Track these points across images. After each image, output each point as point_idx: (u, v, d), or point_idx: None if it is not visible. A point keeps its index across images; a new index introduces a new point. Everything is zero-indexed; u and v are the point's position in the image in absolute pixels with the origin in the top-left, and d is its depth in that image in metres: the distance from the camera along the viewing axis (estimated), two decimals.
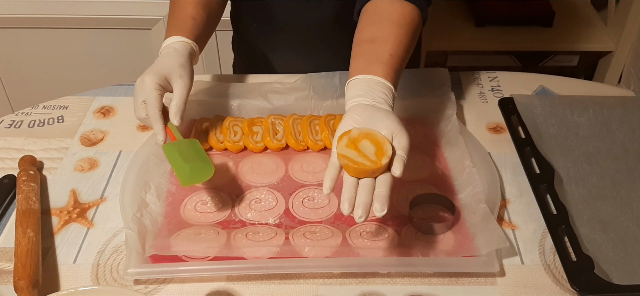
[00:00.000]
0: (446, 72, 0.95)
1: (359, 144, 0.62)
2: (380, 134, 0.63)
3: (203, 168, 0.73)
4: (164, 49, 0.80)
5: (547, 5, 1.75)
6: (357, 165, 0.60)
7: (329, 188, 0.61)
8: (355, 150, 0.62)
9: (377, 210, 0.58)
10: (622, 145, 0.87)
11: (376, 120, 0.65)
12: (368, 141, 0.62)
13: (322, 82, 0.92)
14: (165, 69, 0.77)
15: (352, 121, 0.65)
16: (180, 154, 0.74)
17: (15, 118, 0.94)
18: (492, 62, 1.72)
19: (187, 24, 0.82)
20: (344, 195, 0.60)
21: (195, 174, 0.73)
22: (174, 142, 0.76)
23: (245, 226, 0.74)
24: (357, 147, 0.62)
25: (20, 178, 0.79)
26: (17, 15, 1.55)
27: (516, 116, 0.91)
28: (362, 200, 0.59)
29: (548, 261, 0.70)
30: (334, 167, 0.62)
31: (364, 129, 0.64)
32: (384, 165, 0.61)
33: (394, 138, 0.63)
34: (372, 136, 0.63)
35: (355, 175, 0.61)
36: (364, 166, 0.60)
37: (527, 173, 0.82)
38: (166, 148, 0.76)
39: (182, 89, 0.77)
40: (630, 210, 0.76)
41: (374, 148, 0.62)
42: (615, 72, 1.71)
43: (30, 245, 0.68)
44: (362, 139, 0.63)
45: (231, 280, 0.68)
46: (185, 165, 0.73)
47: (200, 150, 0.77)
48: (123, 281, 0.68)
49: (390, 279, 0.68)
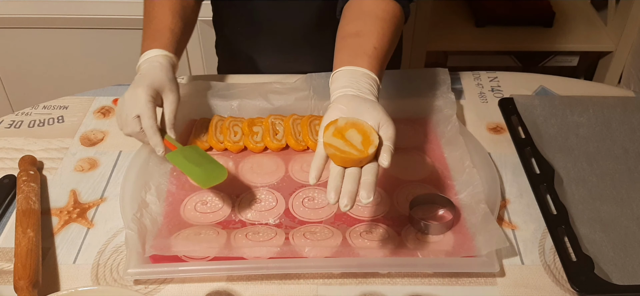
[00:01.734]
0: (446, 72, 0.95)
1: (346, 133, 0.62)
2: (367, 124, 0.63)
3: (215, 170, 0.75)
4: (147, 62, 0.79)
5: (547, 5, 1.75)
6: (344, 154, 0.60)
7: (315, 178, 0.61)
8: (341, 140, 0.61)
9: (363, 197, 0.58)
10: (622, 145, 0.87)
11: (362, 111, 0.64)
12: (355, 130, 0.62)
13: (322, 82, 0.92)
14: (156, 82, 0.77)
15: (338, 111, 0.65)
16: (188, 160, 0.75)
17: (15, 118, 0.94)
18: (492, 62, 1.72)
19: (166, 37, 0.81)
20: (330, 184, 0.60)
21: (211, 175, 0.73)
22: (176, 150, 0.77)
23: (245, 226, 0.74)
24: (344, 137, 0.61)
25: (20, 178, 0.79)
26: (17, 15, 1.55)
27: (516, 116, 0.91)
28: (348, 189, 0.59)
29: (548, 262, 0.70)
30: (320, 156, 0.62)
31: (350, 119, 0.63)
32: (371, 154, 0.60)
33: (380, 128, 0.63)
34: (359, 125, 0.63)
35: (342, 164, 0.61)
36: (351, 155, 0.60)
37: (527, 173, 0.82)
38: (171, 158, 0.76)
39: (173, 103, 0.79)
40: (630, 210, 0.76)
41: (361, 137, 0.61)
42: (615, 73, 1.71)
43: (30, 245, 0.68)
44: (349, 129, 0.62)
45: (231, 280, 0.68)
46: (197, 169, 0.74)
47: (205, 154, 0.78)
48: (123, 282, 0.68)
49: (390, 279, 0.68)
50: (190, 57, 1.62)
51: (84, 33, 1.59)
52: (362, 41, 0.72)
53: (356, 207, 0.76)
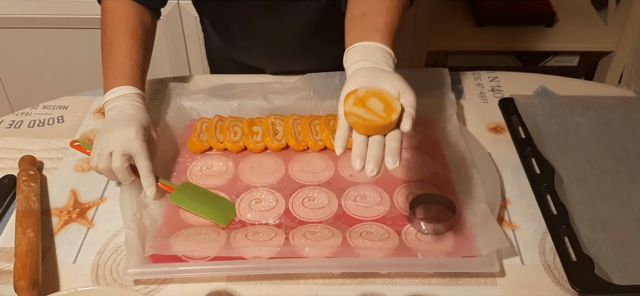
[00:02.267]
0: (446, 72, 0.95)
1: (367, 102, 0.61)
2: (387, 92, 0.62)
3: (223, 204, 0.77)
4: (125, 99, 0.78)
5: (547, 5, 1.75)
6: (366, 122, 0.59)
7: (341, 148, 0.60)
8: (363, 108, 0.61)
9: (389, 162, 0.58)
10: (622, 145, 0.87)
11: (381, 80, 0.64)
12: (376, 99, 0.61)
13: (322, 82, 0.92)
14: (144, 123, 0.77)
15: (356, 83, 0.64)
16: (193, 199, 0.76)
17: (15, 118, 0.94)
18: (492, 62, 1.72)
19: (135, 72, 0.81)
20: (354, 152, 0.59)
21: (224, 212, 0.75)
22: (176, 192, 0.77)
23: (245, 226, 0.74)
24: (365, 105, 0.61)
25: (20, 178, 0.79)
26: (17, 15, 1.55)
27: (516, 116, 0.91)
28: (374, 154, 0.58)
29: (548, 262, 0.70)
30: (343, 127, 0.61)
31: (370, 88, 0.63)
32: (394, 120, 0.60)
33: (400, 96, 0.63)
34: (380, 94, 0.62)
35: (365, 132, 0.60)
36: (374, 122, 0.59)
37: (527, 173, 0.82)
38: (176, 200, 0.76)
39: (154, 147, 0.80)
40: (630, 210, 0.76)
41: (382, 105, 0.61)
42: (615, 72, 1.71)
43: (30, 245, 0.68)
44: (370, 97, 0.61)
45: (231, 280, 0.68)
46: (211, 209, 0.75)
47: (200, 188, 0.79)
48: (123, 281, 0.68)
49: (390, 279, 0.68)
50: (190, 57, 1.62)
51: (84, 33, 1.59)
52: (370, 19, 0.71)
53: (356, 207, 0.76)
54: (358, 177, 0.81)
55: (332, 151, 0.85)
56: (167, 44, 1.57)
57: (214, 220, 0.74)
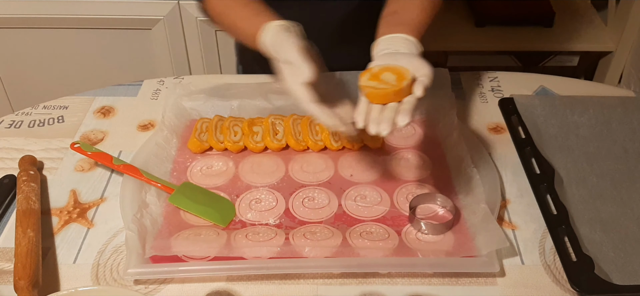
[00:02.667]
0: (446, 72, 0.95)
1: (381, 76, 0.67)
2: (401, 66, 0.67)
3: (223, 204, 0.77)
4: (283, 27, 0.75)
5: (547, 5, 1.74)
6: (378, 90, 0.64)
7: (362, 121, 0.64)
8: (377, 81, 0.66)
9: (399, 120, 0.62)
10: (622, 145, 0.87)
11: (398, 59, 0.69)
12: (389, 73, 0.67)
13: None
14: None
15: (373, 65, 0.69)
16: (193, 200, 0.76)
17: (16, 118, 0.94)
18: (492, 62, 1.71)
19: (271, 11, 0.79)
20: (369, 117, 0.64)
21: (223, 213, 0.75)
22: (175, 193, 0.77)
23: (245, 226, 0.74)
24: (379, 78, 0.66)
25: (20, 178, 0.79)
26: (17, 15, 1.55)
27: (516, 116, 0.91)
28: (386, 116, 0.63)
29: (548, 262, 0.70)
30: (363, 102, 0.66)
31: (384, 65, 0.68)
32: (405, 86, 0.64)
33: (416, 70, 0.66)
34: (393, 68, 0.67)
35: (380, 101, 0.65)
36: (386, 90, 0.64)
37: (527, 173, 0.82)
38: (174, 201, 0.76)
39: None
40: (630, 210, 0.76)
41: (395, 76, 0.66)
42: (615, 72, 1.71)
43: (30, 245, 0.68)
44: (384, 72, 0.67)
45: (231, 280, 0.68)
46: (210, 210, 0.75)
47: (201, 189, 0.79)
48: (123, 282, 0.68)
49: (390, 279, 0.68)
50: (190, 57, 1.62)
51: (84, 33, 1.59)
52: (399, 16, 0.77)
53: (356, 207, 0.76)
54: (358, 177, 0.81)
55: (332, 151, 0.85)
56: (167, 44, 1.57)
57: (212, 221, 0.74)
